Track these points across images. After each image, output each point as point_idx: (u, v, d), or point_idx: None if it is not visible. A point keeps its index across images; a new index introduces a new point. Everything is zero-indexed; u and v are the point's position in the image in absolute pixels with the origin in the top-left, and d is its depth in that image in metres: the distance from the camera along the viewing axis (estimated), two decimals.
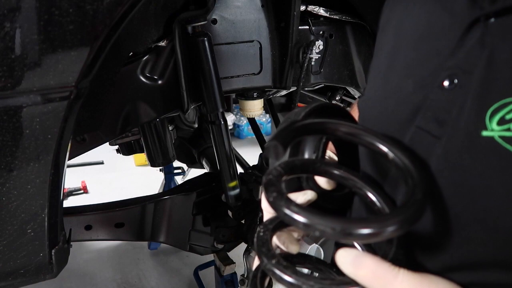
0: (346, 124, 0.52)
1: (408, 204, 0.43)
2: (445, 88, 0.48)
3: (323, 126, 0.52)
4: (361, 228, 0.39)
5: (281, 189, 0.43)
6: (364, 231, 0.39)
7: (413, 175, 0.45)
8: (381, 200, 0.49)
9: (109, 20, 0.79)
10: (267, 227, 0.52)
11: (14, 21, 0.71)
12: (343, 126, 0.52)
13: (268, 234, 0.51)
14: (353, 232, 0.39)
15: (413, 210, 0.42)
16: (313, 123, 0.53)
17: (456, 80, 0.48)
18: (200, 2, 1.10)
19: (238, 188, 1.37)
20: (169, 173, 2.58)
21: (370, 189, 0.50)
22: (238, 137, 4.43)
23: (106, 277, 2.45)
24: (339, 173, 0.52)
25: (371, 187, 0.51)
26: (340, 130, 0.52)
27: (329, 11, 1.32)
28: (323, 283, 0.43)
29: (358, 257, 0.42)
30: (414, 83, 0.52)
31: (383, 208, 0.48)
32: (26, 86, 0.75)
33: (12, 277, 0.89)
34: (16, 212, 0.84)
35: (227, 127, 1.29)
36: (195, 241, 1.52)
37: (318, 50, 1.32)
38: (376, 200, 0.49)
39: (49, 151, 0.82)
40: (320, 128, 0.52)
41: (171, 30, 1.08)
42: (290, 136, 0.49)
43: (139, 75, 1.10)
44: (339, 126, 0.52)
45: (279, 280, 0.44)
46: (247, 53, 1.25)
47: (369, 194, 0.50)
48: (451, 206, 0.46)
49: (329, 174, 0.53)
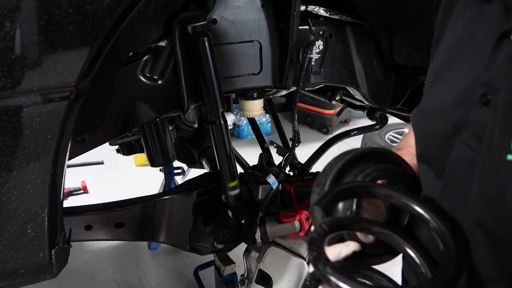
0: (383, 187, 0.59)
1: (447, 273, 0.48)
2: (481, 105, 0.51)
3: (362, 190, 0.59)
4: None
5: (321, 250, 0.50)
6: None
7: (448, 243, 0.50)
8: (424, 264, 0.53)
9: (109, 20, 0.79)
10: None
11: (14, 21, 0.71)
12: (381, 190, 0.58)
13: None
14: None
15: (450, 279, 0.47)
16: (352, 188, 0.60)
17: (489, 97, 0.50)
18: (200, 2, 1.10)
19: (238, 188, 1.37)
20: (169, 173, 2.58)
21: (412, 249, 0.55)
22: (238, 137, 4.42)
23: (106, 277, 2.45)
24: (381, 231, 0.57)
25: (413, 245, 0.55)
26: (378, 193, 0.58)
27: (329, 11, 1.32)
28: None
29: None
30: (453, 99, 0.56)
31: (426, 273, 0.52)
32: (26, 86, 0.75)
33: (12, 277, 0.89)
34: (16, 212, 0.84)
35: (227, 127, 1.29)
36: (195, 241, 1.52)
37: (318, 50, 1.32)
38: (419, 263, 0.53)
39: (49, 151, 0.82)
40: (359, 192, 0.59)
41: (171, 30, 1.08)
42: (331, 201, 0.57)
43: (139, 75, 1.10)
44: (377, 190, 0.58)
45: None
46: (247, 53, 1.25)
47: (412, 254, 0.54)
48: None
49: (372, 231, 0.58)
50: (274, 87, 1.32)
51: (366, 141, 3.48)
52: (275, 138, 1.82)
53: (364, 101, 1.55)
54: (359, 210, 0.62)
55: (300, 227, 1.35)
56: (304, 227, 1.35)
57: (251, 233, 1.42)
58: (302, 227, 1.35)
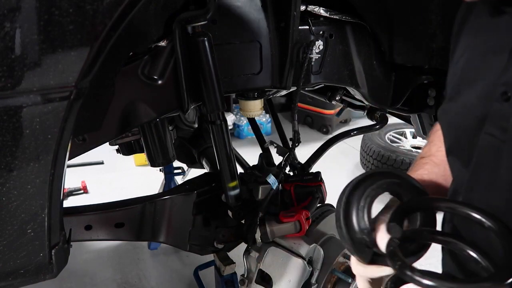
0: (444, 200, 0.71)
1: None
2: (502, 102, 0.61)
3: (427, 204, 0.71)
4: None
5: (403, 259, 0.61)
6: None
7: (508, 240, 0.60)
8: (484, 260, 0.62)
9: (109, 20, 0.79)
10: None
11: (14, 21, 0.71)
12: (443, 203, 0.70)
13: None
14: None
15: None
16: (419, 202, 0.72)
17: (510, 94, 0.60)
18: (200, 2, 1.10)
19: (238, 188, 1.37)
20: (169, 173, 2.58)
21: (473, 251, 0.64)
22: (238, 137, 4.42)
23: (106, 277, 2.45)
24: (445, 239, 0.68)
25: (472, 247, 0.64)
26: (442, 206, 0.69)
27: (329, 11, 1.32)
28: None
29: None
30: (477, 97, 0.67)
31: (488, 266, 0.61)
32: (26, 86, 0.75)
33: (12, 277, 0.89)
34: (16, 212, 0.83)
35: (227, 127, 1.29)
36: (195, 241, 1.52)
37: (318, 50, 1.32)
38: (479, 259, 0.62)
39: (49, 151, 0.82)
40: (425, 206, 0.71)
41: (171, 30, 1.08)
42: (402, 215, 0.69)
43: (139, 75, 1.10)
44: (440, 203, 0.70)
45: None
46: (247, 53, 1.25)
47: (473, 255, 0.63)
48: None
49: (437, 240, 0.68)
50: (274, 87, 1.32)
51: (366, 141, 3.48)
52: (275, 138, 1.82)
53: (364, 101, 1.55)
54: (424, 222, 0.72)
55: (300, 227, 1.35)
56: (304, 227, 1.35)
57: (251, 233, 1.42)
58: (302, 227, 1.35)
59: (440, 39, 1.28)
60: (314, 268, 1.31)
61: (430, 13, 1.26)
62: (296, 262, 1.28)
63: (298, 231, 1.35)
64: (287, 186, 1.48)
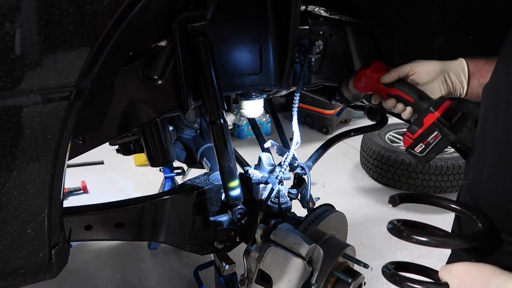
0: (440, 198, 0.88)
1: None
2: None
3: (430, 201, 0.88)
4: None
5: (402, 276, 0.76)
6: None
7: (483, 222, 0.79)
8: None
9: (109, 20, 0.79)
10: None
11: (14, 21, 0.71)
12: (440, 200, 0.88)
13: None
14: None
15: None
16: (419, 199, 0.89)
17: None
18: (200, 2, 1.10)
19: (238, 188, 1.37)
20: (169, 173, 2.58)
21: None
22: (238, 137, 4.42)
23: (106, 277, 2.45)
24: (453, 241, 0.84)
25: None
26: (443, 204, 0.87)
27: (329, 11, 1.32)
28: None
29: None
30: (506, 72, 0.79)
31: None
32: (26, 86, 0.75)
33: (12, 277, 0.89)
34: (16, 212, 0.83)
35: (227, 127, 1.29)
36: (195, 241, 1.52)
37: (318, 50, 1.32)
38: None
39: (49, 151, 0.82)
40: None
41: (171, 30, 1.08)
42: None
43: (139, 75, 1.10)
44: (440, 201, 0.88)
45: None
46: (247, 53, 1.25)
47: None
48: None
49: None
50: (274, 87, 1.32)
51: (366, 141, 3.48)
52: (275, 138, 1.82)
53: (364, 101, 1.56)
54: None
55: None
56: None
57: (251, 233, 1.42)
58: None
59: (440, 39, 1.28)
60: (314, 268, 1.31)
61: (430, 14, 1.26)
62: (296, 262, 1.28)
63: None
64: None
